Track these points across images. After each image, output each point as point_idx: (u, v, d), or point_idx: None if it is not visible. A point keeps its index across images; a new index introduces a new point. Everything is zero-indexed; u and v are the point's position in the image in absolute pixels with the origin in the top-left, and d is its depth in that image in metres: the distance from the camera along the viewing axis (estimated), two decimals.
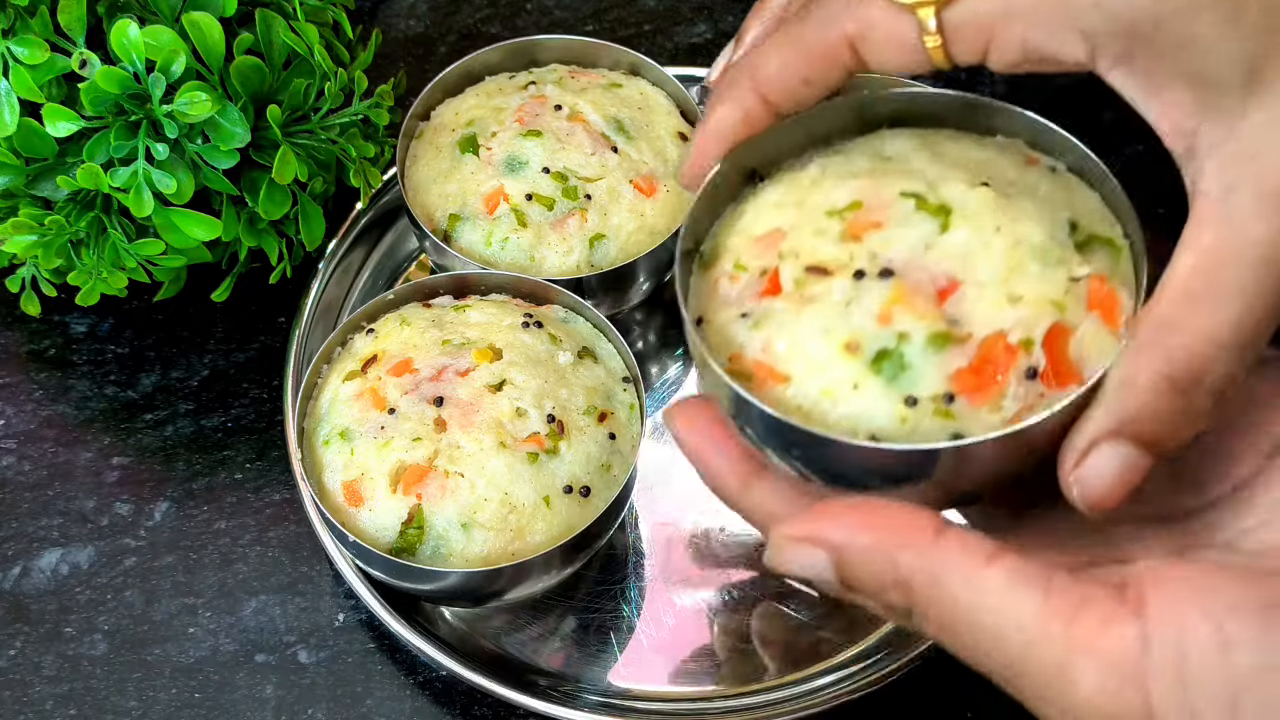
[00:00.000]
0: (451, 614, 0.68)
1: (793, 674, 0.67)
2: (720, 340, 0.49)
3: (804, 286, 0.47)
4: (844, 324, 0.46)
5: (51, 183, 0.67)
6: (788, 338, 0.47)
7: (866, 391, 0.45)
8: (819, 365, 0.46)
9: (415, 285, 0.69)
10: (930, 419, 0.45)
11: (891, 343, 0.45)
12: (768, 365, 0.47)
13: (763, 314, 0.48)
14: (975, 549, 0.41)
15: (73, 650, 0.67)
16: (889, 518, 0.42)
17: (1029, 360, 0.45)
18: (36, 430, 0.74)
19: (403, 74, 0.79)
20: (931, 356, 0.45)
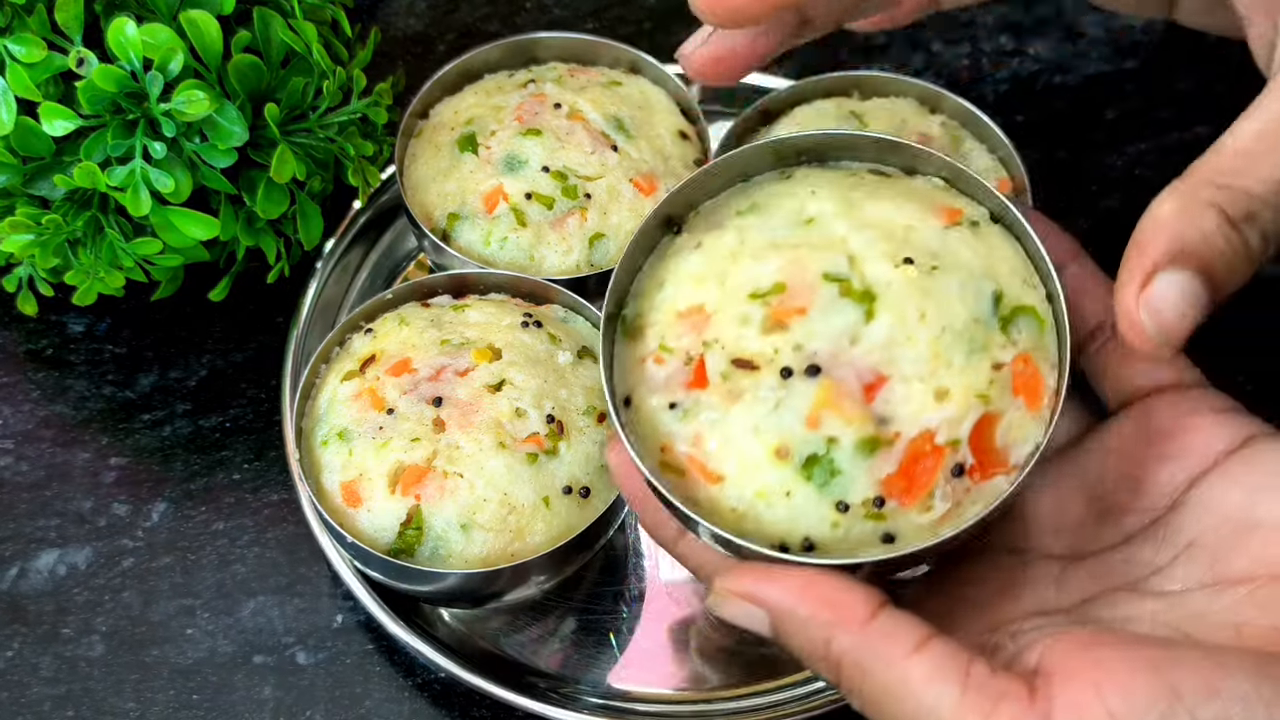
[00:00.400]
0: (450, 615, 0.68)
1: (793, 676, 0.66)
2: (649, 427, 0.50)
3: (731, 380, 0.48)
4: (774, 425, 0.47)
5: (48, 182, 0.67)
6: (719, 437, 0.47)
7: (799, 498, 0.46)
8: (751, 468, 0.47)
9: (414, 285, 0.68)
10: (862, 522, 0.46)
11: (821, 448, 0.46)
12: (700, 462, 0.48)
13: (691, 406, 0.48)
14: (902, 638, 0.43)
15: (70, 651, 0.67)
16: (827, 594, 0.44)
17: (956, 457, 0.46)
18: (34, 430, 0.74)
19: (401, 72, 0.78)
20: (861, 462, 0.46)
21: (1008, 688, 0.42)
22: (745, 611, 0.46)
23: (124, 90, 0.64)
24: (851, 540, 0.46)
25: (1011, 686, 0.42)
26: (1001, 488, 0.47)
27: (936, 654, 0.43)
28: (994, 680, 0.42)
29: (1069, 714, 0.40)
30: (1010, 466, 0.47)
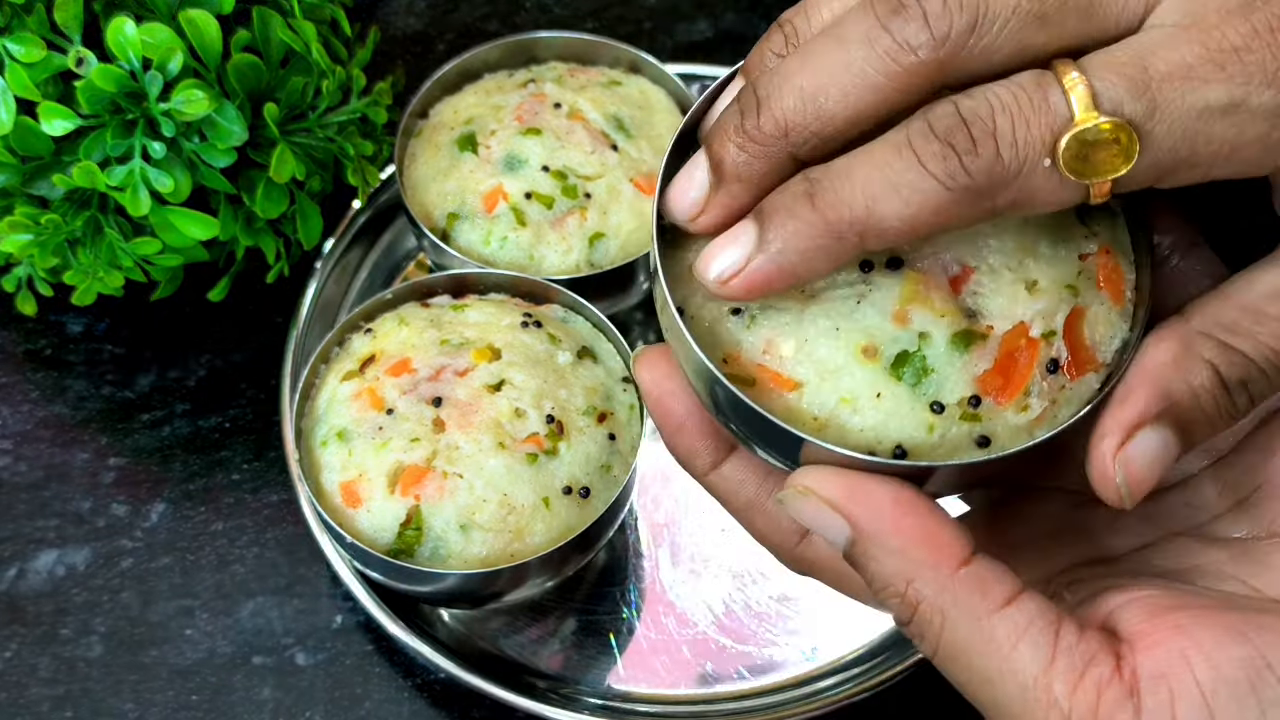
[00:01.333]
0: (450, 616, 0.68)
1: (794, 676, 0.66)
2: (708, 339, 0.45)
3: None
4: (857, 324, 0.43)
5: (48, 181, 0.67)
6: (795, 339, 0.43)
7: (889, 400, 0.43)
8: (834, 371, 0.43)
9: (413, 285, 0.68)
10: (957, 424, 0.43)
11: (912, 344, 0.43)
12: (772, 370, 0.44)
13: (759, 310, 0.44)
14: (993, 590, 0.41)
15: (69, 652, 0.67)
16: (923, 526, 0.41)
17: (1050, 352, 0.43)
18: (33, 431, 0.74)
19: (401, 72, 0.78)
20: (955, 359, 0.43)
21: (1095, 653, 0.40)
22: (823, 518, 0.42)
23: (123, 90, 0.64)
24: (946, 444, 0.43)
25: (1099, 653, 0.40)
26: (1093, 386, 0.44)
27: (1026, 611, 0.40)
28: (1081, 645, 0.40)
29: (1155, 685, 0.39)
30: (1100, 364, 0.44)
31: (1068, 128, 0.39)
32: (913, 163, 0.39)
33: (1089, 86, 0.39)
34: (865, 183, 0.39)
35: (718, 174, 0.42)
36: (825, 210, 0.40)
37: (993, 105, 0.39)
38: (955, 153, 0.38)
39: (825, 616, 0.68)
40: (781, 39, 0.43)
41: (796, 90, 0.40)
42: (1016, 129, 0.39)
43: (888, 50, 0.39)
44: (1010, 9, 0.39)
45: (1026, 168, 0.39)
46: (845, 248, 0.40)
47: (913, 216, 0.39)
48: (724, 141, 0.42)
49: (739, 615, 0.68)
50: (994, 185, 0.39)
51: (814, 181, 0.40)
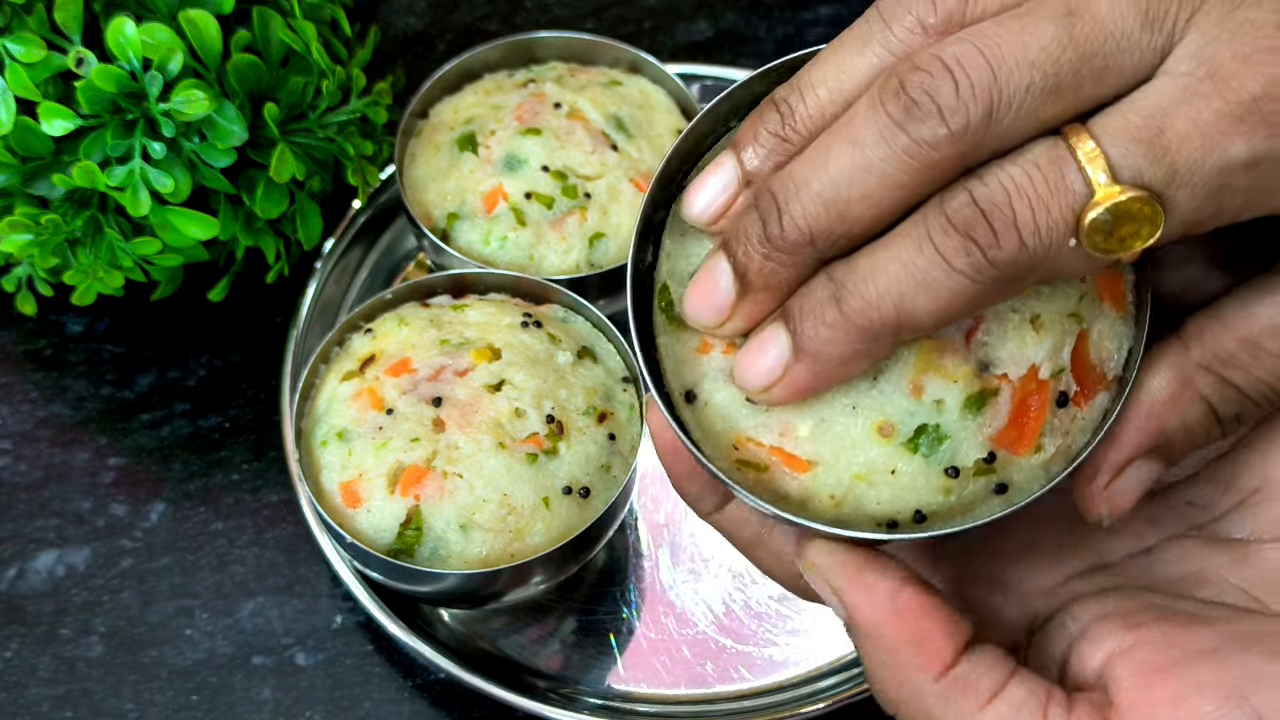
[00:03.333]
0: (450, 616, 0.68)
1: (794, 676, 0.66)
2: (720, 424, 0.44)
3: None
4: (875, 402, 0.42)
5: (47, 181, 0.67)
6: (811, 420, 0.43)
7: (906, 473, 0.43)
8: (850, 449, 0.43)
9: (413, 285, 0.68)
10: (973, 481, 0.43)
11: (928, 416, 0.42)
12: (788, 452, 0.43)
13: None
14: (978, 689, 0.41)
15: (69, 652, 0.67)
16: (916, 624, 0.42)
17: (1059, 387, 0.43)
18: (32, 431, 0.74)
19: (401, 71, 0.78)
20: (969, 422, 0.42)
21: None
22: (827, 594, 0.43)
23: (123, 90, 0.64)
24: (964, 501, 0.43)
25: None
26: (1104, 405, 0.44)
27: (1013, 702, 0.41)
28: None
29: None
30: (1108, 381, 0.44)
31: (1089, 206, 0.37)
32: (936, 260, 0.38)
33: (1105, 158, 0.37)
34: (892, 283, 0.38)
35: (744, 283, 0.41)
36: (854, 316, 0.39)
37: (1009, 192, 0.37)
38: (978, 247, 0.37)
39: (825, 617, 0.68)
40: (777, 117, 0.42)
41: (817, 197, 0.39)
42: (1037, 214, 0.37)
43: (906, 149, 0.38)
44: (1024, 88, 0.37)
45: (1053, 251, 0.38)
46: (880, 347, 0.40)
47: (944, 308, 0.38)
48: (748, 251, 0.40)
49: (739, 615, 0.68)
50: (1020, 272, 0.38)
51: (839, 284, 0.39)
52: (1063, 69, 0.37)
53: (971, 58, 0.37)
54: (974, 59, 0.37)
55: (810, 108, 0.41)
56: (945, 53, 0.37)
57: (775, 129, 0.41)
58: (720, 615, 0.68)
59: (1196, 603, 0.44)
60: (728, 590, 0.69)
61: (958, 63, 0.37)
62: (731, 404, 0.44)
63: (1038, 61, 0.37)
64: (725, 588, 0.69)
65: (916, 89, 0.37)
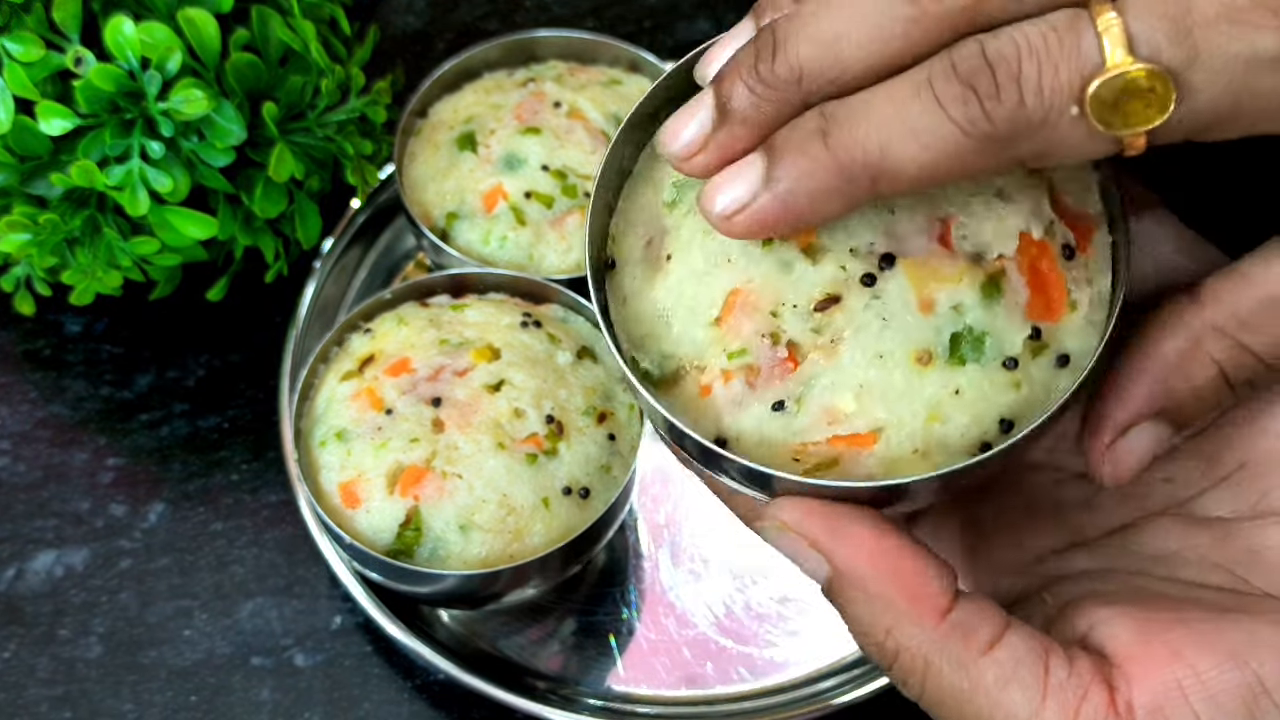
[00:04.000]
0: (449, 616, 0.68)
1: (794, 677, 0.66)
2: (767, 449, 0.41)
3: (821, 329, 0.41)
4: (895, 339, 0.40)
5: (46, 181, 0.67)
6: (849, 392, 0.41)
7: (969, 387, 0.40)
8: (905, 395, 0.40)
9: (412, 284, 0.68)
10: (1035, 363, 0.41)
11: (955, 323, 0.40)
12: (849, 435, 0.41)
13: (801, 390, 0.41)
14: (976, 637, 0.40)
15: (67, 653, 0.67)
16: (906, 575, 0.40)
17: (1058, 241, 0.42)
18: (31, 431, 0.73)
19: (400, 70, 0.78)
20: (996, 308, 0.40)
21: (1088, 687, 0.39)
22: (802, 553, 0.41)
23: (122, 89, 0.64)
24: (1037, 388, 0.41)
25: (1091, 685, 0.39)
26: (1106, 241, 0.42)
27: (1013, 651, 0.39)
28: (1073, 680, 0.39)
29: (1153, 718, 0.38)
30: (1096, 216, 0.43)
31: (1098, 74, 0.36)
32: (932, 105, 0.36)
33: (1125, 28, 0.36)
34: (881, 124, 0.37)
35: (722, 114, 0.39)
36: (838, 151, 0.37)
37: (1019, 47, 0.36)
38: (977, 97, 0.36)
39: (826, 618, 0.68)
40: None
41: (814, 36, 0.38)
42: (1044, 74, 0.36)
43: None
44: None
45: (1053, 115, 0.36)
46: (857, 191, 0.38)
47: (930, 162, 0.37)
48: (734, 81, 0.39)
49: (739, 616, 0.68)
50: (1016, 133, 0.36)
51: (828, 118, 0.37)
52: None
53: None
54: None
55: None
56: None
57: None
58: (720, 616, 0.68)
59: (1178, 584, 0.43)
60: (728, 591, 0.68)
61: None
62: (763, 426, 0.41)
63: None
64: (726, 589, 0.68)
65: None
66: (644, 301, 0.43)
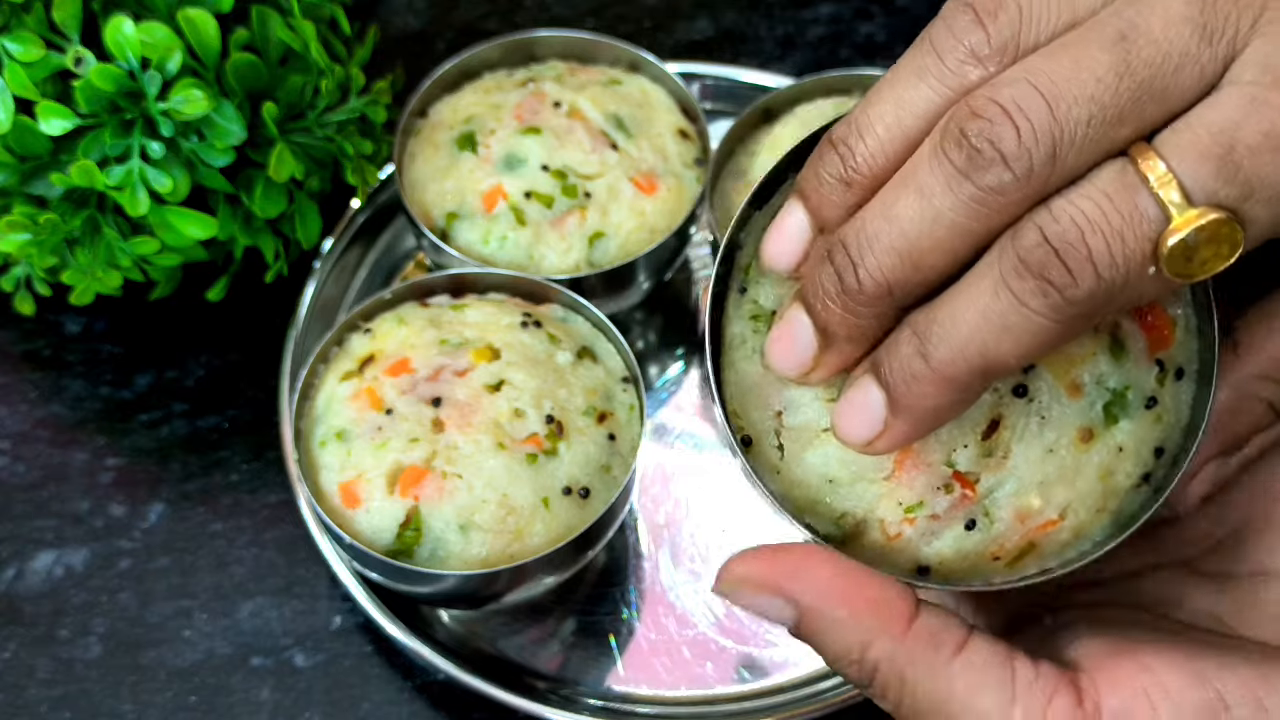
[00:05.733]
0: (449, 616, 0.68)
1: (794, 677, 0.66)
2: (969, 563, 0.45)
3: (995, 451, 0.44)
4: (1058, 429, 0.43)
5: (46, 181, 0.67)
6: (1034, 489, 0.44)
7: (1127, 438, 0.44)
8: (1081, 476, 0.44)
9: (412, 284, 0.68)
10: (1168, 389, 0.44)
11: (1102, 395, 0.44)
12: (1039, 527, 0.44)
13: (987, 502, 0.44)
14: (943, 642, 0.41)
15: (67, 653, 0.67)
16: (866, 593, 0.42)
17: None
18: (30, 431, 0.73)
19: (400, 70, 0.78)
20: (1126, 362, 0.44)
21: (1055, 687, 0.41)
22: (763, 603, 0.43)
23: (121, 89, 0.64)
24: (1172, 409, 0.45)
25: (1059, 686, 0.41)
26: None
27: (980, 654, 0.41)
28: (1040, 681, 0.41)
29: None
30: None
31: (1167, 233, 0.36)
32: (1013, 304, 0.37)
33: (1177, 180, 0.36)
34: (974, 332, 0.38)
35: (825, 337, 0.42)
36: (942, 369, 0.39)
37: (1080, 226, 0.37)
38: (1054, 288, 0.37)
39: None
40: (837, 159, 0.41)
41: (890, 249, 0.39)
42: (1112, 247, 0.37)
43: (973, 197, 0.38)
44: (1085, 122, 0.37)
45: (1132, 280, 0.37)
46: (971, 393, 0.40)
47: (1029, 349, 0.38)
48: (827, 305, 0.41)
49: (739, 616, 0.68)
50: (1100, 306, 0.38)
51: (923, 339, 0.39)
52: (1122, 98, 0.37)
53: (1029, 99, 0.37)
54: (1032, 100, 0.37)
55: (870, 146, 0.41)
56: (1002, 95, 0.37)
57: (836, 171, 0.41)
58: (721, 616, 0.68)
59: (1172, 623, 0.45)
60: None
61: (1016, 106, 0.37)
62: (961, 545, 0.44)
63: (1095, 94, 0.37)
64: None
65: (978, 136, 0.37)
66: (801, 469, 0.45)
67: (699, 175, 0.73)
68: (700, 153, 0.75)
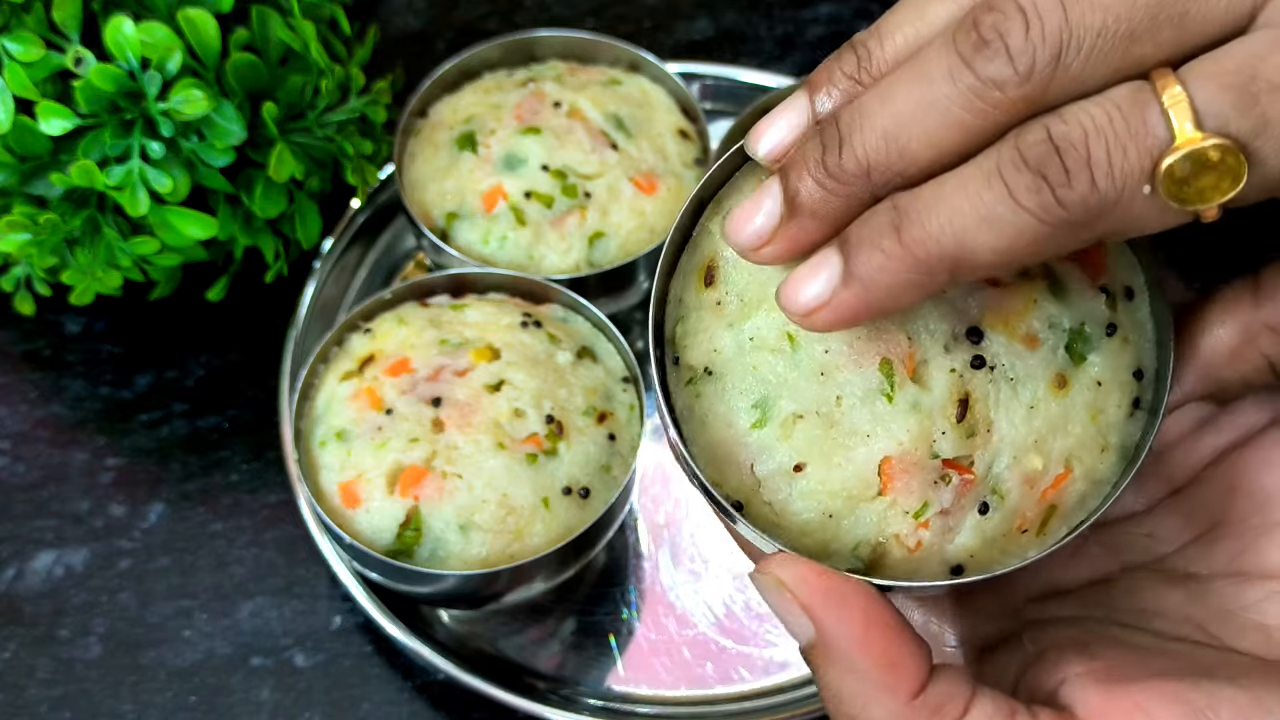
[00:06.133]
0: (449, 616, 0.68)
1: (794, 677, 0.66)
2: (998, 547, 0.44)
3: (978, 428, 0.43)
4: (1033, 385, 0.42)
5: (46, 181, 0.67)
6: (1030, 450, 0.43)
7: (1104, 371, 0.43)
8: (1068, 417, 0.43)
9: (412, 284, 0.68)
10: (1121, 311, 0.43)
11: (1060, 336, 0.43)
12: (1051, 483, 0.43)
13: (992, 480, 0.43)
14: (948, 710, 0.40)
15: (67, 653, 0.67)
16: (888, 652, 0.41)
17: None
18: (30, 431, 0.73)
19: (400, 70, 0.78)
20: (1070, 298, 0.43)
21: None
22: (791, 613, 0.41)
23: (122, 89, 0.64)
24: (1134, 327, 0.43)
25: None
26: None
27: (980, 716, 0.40)
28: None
29: None
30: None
31: (1168, 151, 0.36)
32: (1004, 195, 0.36)
33: (1190, 103, 0.36)
34: (955, 215, 0.37)
35: (791, 206, 0.40)
36: (913, 246, 0.37)
37: (1086, 130, 0.36)
38: (1048, 184, 0.36)
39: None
40: (854, 59, 0.41)
41: (879, 129, 0.38)
42: (1113, 156, 0.36)
43: (971, 87, 0.37)
44: (1095, 32, 0.36)
45: (1125, 196, 0.36)
46: (935, 281, 0.38)
47: (1007, 249, 0.37)
48: (801, 174, 0.39)
49: (739, 616, 0.68)
50: (1090, 216, 0.37)
51: (901, 212, 0.38)
52: (1138, 13, 0.36)
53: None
54: (1048, 1, 0.36)
55: (888, 52, 0.40)
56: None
57: (851, 71, 0.40)
58: (721, 616, 0.68)
59: (1153, 636, 0.44)
60: (728, 591, 0.68)
61: (1032, 3, 0.36)
62: (985, 532, 0.43)
63: (1112, 5, 0.36)
64: (726, 589, 0.68)
65: (988, 28, 0.36)
66: (796, 516, 0.43)
67: (699, 175, 0.73)
68: (700, 153, 0.75)
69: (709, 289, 0.44)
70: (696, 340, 0.44)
